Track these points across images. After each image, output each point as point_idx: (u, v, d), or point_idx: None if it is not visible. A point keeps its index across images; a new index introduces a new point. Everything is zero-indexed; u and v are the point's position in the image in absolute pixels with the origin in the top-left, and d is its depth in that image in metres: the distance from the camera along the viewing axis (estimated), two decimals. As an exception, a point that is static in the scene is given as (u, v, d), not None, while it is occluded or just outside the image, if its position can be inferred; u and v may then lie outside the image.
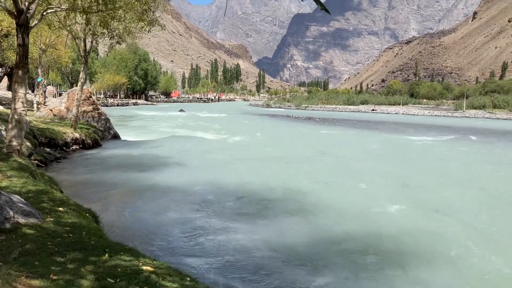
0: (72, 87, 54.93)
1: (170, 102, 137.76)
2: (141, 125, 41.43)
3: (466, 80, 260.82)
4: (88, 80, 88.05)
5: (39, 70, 35.81)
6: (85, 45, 22.47)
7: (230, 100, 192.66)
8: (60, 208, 7.65)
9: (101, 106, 31.26)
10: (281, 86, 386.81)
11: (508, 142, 32.11)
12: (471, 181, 16.11)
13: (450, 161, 21.34)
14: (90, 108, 27.21)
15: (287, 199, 12.53)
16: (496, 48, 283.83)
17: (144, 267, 5.60)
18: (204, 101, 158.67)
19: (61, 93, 55.53)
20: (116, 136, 27.67)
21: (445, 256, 8.47)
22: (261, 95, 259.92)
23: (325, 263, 7.99)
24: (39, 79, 36.43)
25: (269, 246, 8.69)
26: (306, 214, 11.08)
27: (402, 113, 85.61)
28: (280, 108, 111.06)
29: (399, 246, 8.93)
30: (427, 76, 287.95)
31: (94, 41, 22.76)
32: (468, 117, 76.88)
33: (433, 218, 11.03)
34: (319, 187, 14.31)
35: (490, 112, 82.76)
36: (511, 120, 68.69)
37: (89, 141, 22.72)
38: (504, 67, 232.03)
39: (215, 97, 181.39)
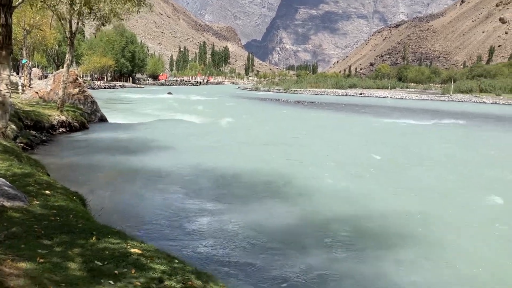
0: (58, 69, 53.94)
1: (158, 85, 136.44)
2: (129, 108, 41.06)
3: (454, 64, 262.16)
4: (74, 62, 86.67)
5: (24, 52, 35.13)
6: (70, 26, 22.04)
7: (218, 83, 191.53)
8: (47, 191, 7.59)
9: (88, 88, 30.86)
10: (270, 69, 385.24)
11: (493, 126, 32.52)
12: (455, 165, 16.32)
13: (436, 145, 21.56)
14: (77, 90, 26.84)
15: (274, 182, 12.58)
16: (483, 32, 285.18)
17: (132, 250, 5.60)
18: (193, 84, 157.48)
19: (47, 75, 54.64)
20: (103, 119, 27.40)
21: (426, 236, 8.63)
22: (250, 78, 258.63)
23: (312, 244, 8.09)
24: (23, 61, 35.76)
25: (257, 228, 8.74)
26: (293, 197, 11.16)
27: (390, 97, 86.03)
28: (269, 91, 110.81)
29: (383, 227, 9.06)
30: (415, 60, 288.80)
31: (80, 22, 22.31)
32: (455, 101, 77.55)
33: (417, 200, 11.21)
34: (305, 170, 14.39)
35: (476, 96, 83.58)
36: (496, 104, 69.44)
37: (75, 123, 22.47)
38: (491, 52, 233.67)
39: (203, 80, 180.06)
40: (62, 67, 26.27)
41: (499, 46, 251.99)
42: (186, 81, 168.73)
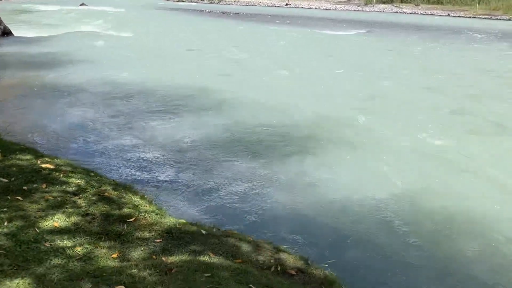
0: None
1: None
2: (38, 21, 37.40)
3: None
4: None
5: None
6: None
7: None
8: None
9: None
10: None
11: (407, 34, 33.67)
12: (376, 72, 16.94)
13: (356, 54, 22.10)
14: (-28, -1, 23.76)
15: (199, 96, 12.38)
16: None
17: (44, 165, 5.35)
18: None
19: None
20: (7, 32, 24.78)
21: (350, 139, 9.10)
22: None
23: (239, 152, 8.23)
24: None
25: (185, 140, 8.69)
26: (221, 109, 11.11)
27: (316, 8, 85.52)
28: (192, 2, 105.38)
29: (308, 133, 9.39)
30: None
31: None
32: (377, 11, 78.84)
33: (340, 106, 11.63)
34: (230, 83, 14.25)
35: (397, 7, 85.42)
36: (415, 14, 71.68)
37: (-26, 38, 20.21)
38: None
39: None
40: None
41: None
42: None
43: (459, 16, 64.49)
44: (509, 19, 52.12)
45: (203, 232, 4.29)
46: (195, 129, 9.47)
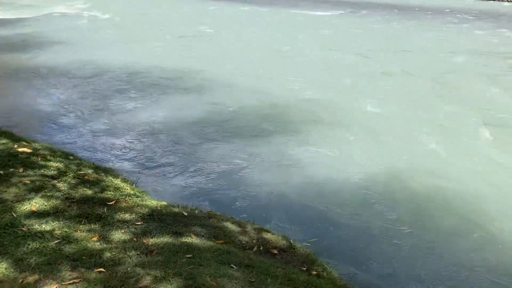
0: None
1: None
2: (13, 1, 36.36)
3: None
4: None
5: None
6: None
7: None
8: None
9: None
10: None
11: (388, 14, 33.70)
12: (356, 52, 16.94)
13: (337, 35, 22.03)
14: None
15: (179, 78, 12.19)
16: None
17: (21, 149, 5.26)
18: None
19: None
20: (-19, 14, 24.08)
21: (327, 118, 9.13)
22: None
23: (222, 133, 8.17)
24: None
25: (165, 122, 8.59)
26: (201, 92, 10.98)
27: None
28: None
29: (290, 114, 9.37)
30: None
31: None
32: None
33: (319, 88, 11.61)
34: (211, 66, 14.03)
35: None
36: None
37: None
38: None
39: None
40: None
41: None
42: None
43: (441, -4, 64.61)
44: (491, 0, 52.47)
45: (185, 213, 4.27)
46: (175, 110, 9.36)
